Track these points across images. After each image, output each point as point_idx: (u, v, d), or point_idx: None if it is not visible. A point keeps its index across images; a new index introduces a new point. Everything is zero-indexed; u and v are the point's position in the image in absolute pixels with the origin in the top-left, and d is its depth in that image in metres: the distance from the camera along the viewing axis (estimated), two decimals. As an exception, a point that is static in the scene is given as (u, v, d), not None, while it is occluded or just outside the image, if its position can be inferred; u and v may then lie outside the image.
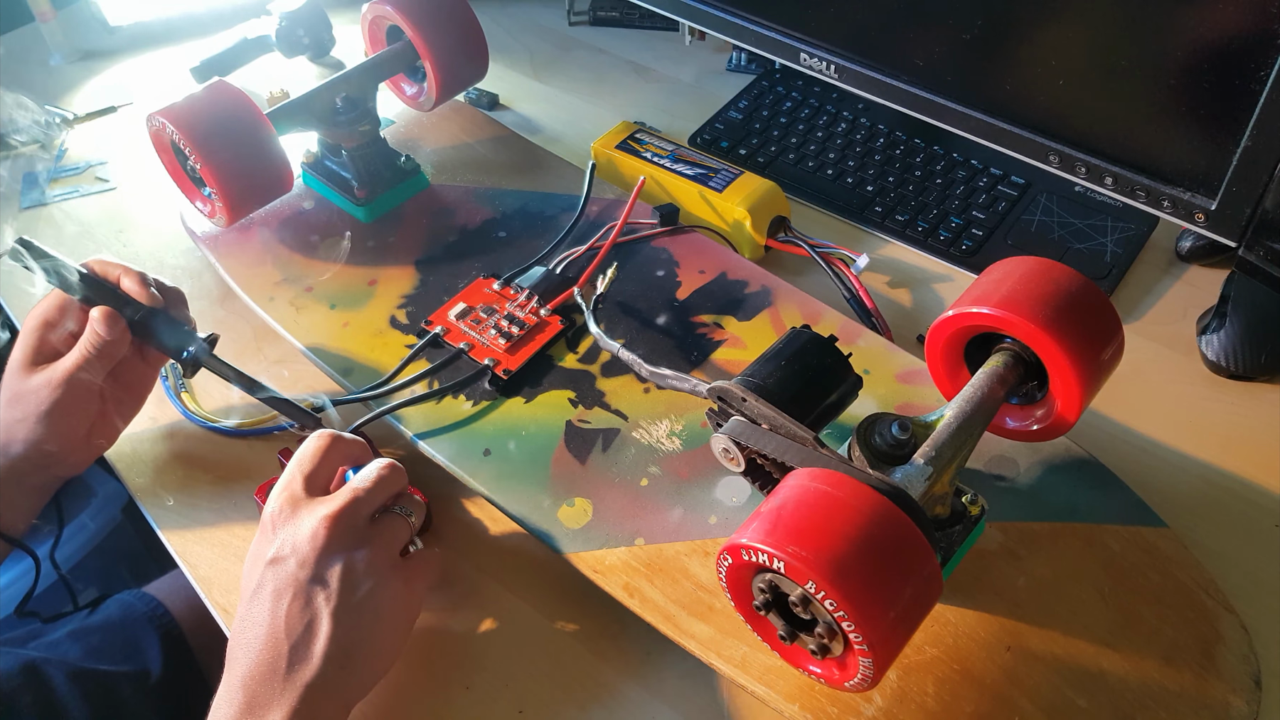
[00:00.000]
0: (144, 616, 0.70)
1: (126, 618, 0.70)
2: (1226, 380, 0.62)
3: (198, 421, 0.63)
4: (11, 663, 0.64)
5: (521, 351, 0.60)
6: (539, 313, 0.61)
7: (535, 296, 0.62)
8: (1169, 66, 0.56)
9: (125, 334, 0.54)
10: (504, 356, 0.59)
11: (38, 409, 0.54)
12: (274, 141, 0.64)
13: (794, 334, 0.51)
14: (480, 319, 0.61)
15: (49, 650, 0.66)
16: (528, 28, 0.98)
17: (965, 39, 0.64)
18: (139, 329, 0.56)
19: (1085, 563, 0.50)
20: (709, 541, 0.51)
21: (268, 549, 0.46)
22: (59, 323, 0.56)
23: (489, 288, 0.64)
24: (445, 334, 0.61)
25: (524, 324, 0.61)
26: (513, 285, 0.64)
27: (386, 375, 0.60)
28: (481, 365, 0.59)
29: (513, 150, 0.77)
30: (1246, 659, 0.46)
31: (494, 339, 0.60)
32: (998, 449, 0.54)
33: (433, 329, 0.61)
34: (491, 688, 0.50)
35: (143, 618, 0.70)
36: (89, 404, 0.55)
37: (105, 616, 0.70)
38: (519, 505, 0.54)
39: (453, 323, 0.61)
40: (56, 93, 0.91)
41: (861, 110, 0.81)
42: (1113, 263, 0.69)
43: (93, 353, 0.54)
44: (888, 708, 0.45)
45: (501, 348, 0.60)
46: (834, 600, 0.37)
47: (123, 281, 0.56)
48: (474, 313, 0.62)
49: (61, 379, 0.54)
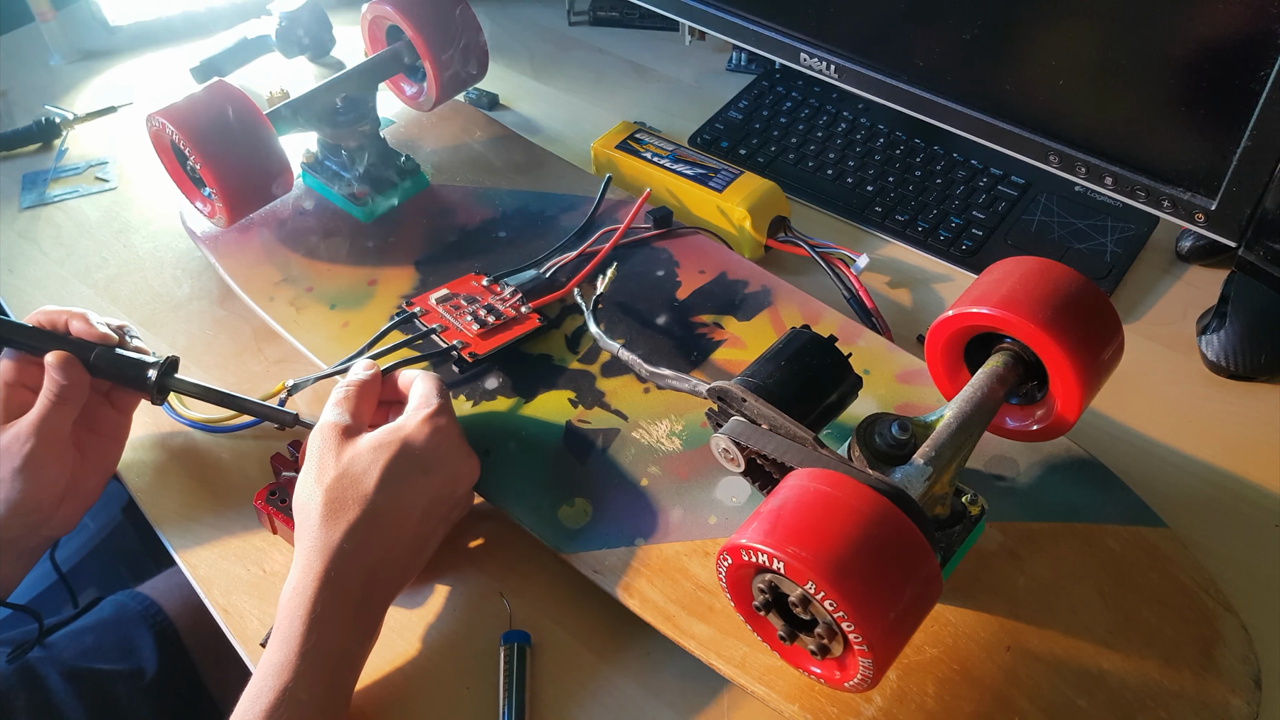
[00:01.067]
0: (138, 615, 0.70)
1: (121, 617, 0.70)
2: (1226, 380, 0.62)
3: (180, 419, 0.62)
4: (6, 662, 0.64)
5: (493, 339, 0.60)
6: (519, 308, 0.61)
7: (520, 294, 0.62)
8: (1169, 66, 0.56)
9: (83, 375, 0.54)
10: (474, 341, 0.59)
11: (11, 465, 0.53)
12: (274, 141, 0.64)
13: (794, 334, 0.51)
14: (460, 306, 0.61)
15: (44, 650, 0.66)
16: (528, 28, 0.98)
17: (965, 39, 0.64)
18: (99, 369, 0.55)
19: (1085, 563, 0.50)
20: (709, 541, 0.51)
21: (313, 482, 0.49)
22: (18, 381, 0.56)
23: (476, 282, 0.63)
24: (422, 315, 0.61)
25: (502, 315, 0.61)
26: (501, 283, 0.63)
27: (357, 350, 0.59)
28: (449, 345, 0.59)
29: (513, 150, 0.77)
30: (1246, 659, 0.46)
31: (468, 324, 0.60)
32: (998, 449, 0.54)
33: (412, 309, 0.61)
34: (492, 688, 0.50)
35: (137, 616, 0.70)
36: (63, 453, 0.54)
37: (99, 616, 0.70)
38: (519, 505, 0.54)
39: (432, 306, 0.61)
40: (56, 93, 0.91)
41: (861, 110, 0.81)
42: (1113, 263, 0.69)
43: (55, 399, 0.53)
44: (888, 708, 0.45)
45: (474, 332, 0.60)
46: (834, 601, 0.37)
47: (71, 325, 0.56)
48: (455, 299, 0.62)
49: (30, 431, 0.53)
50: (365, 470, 0.48)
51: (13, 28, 0.99)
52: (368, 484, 0.48)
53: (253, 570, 0.56)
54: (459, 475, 0.51)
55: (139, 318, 0.70)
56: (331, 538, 0.46)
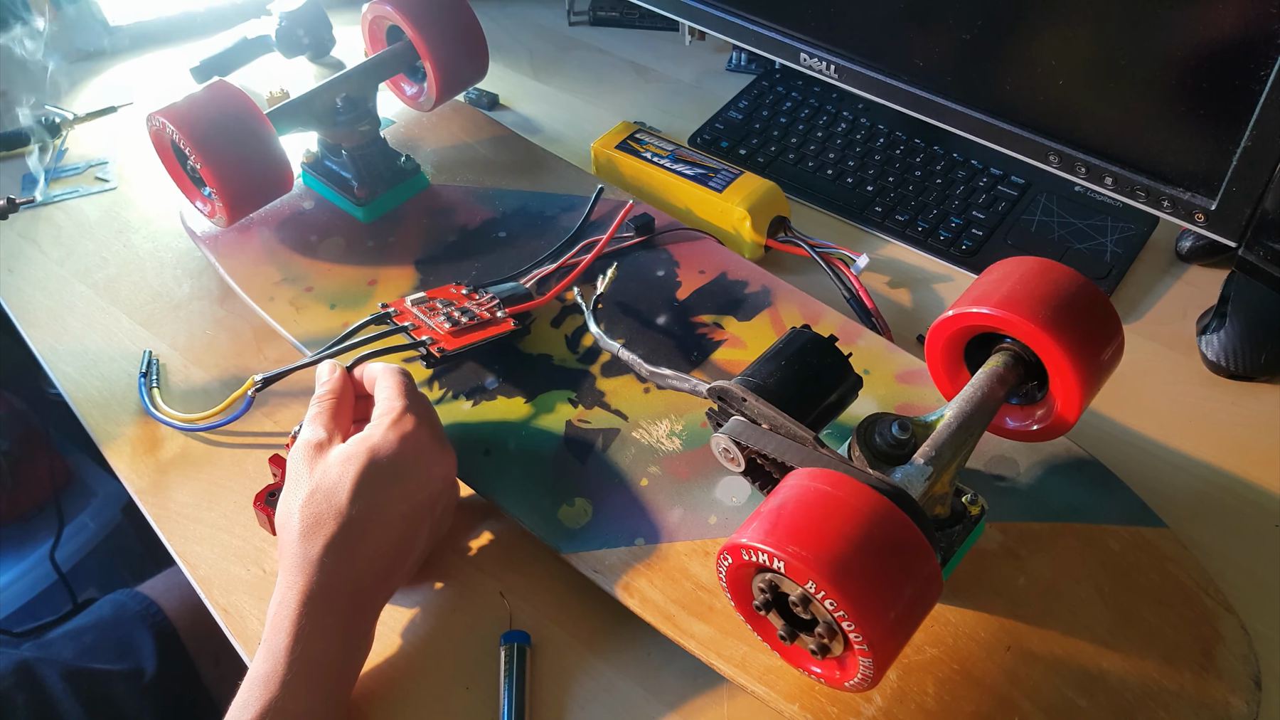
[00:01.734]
0: (137, 615, 0.70)
1: (120, 616, 0.70)
2: (1226, 380, 0.62)
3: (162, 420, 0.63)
4: (5, 662, 0.64)
5: (463, 337, 0.59)
6: (495, 312, 0.61)
7: (497, 300, 0.62)
8: (1169, 66, 0.56)
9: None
10: (444, 338, 0.59)
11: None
12: (274, 141, 0.64)
13: (794, 334, 0.51)
14: (435, 308, 0.61)
15: (42, 650, 0.66)
16: (528, 28, 0.98)
17: (965, 39, 0.64)
18: None
19: (1085, 563, 0.50)
20: (709, 541, 0.51)
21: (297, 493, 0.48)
22: None
23: (456, 289, 0.63)
24: (396, 315, 0.60)
25: (475, 316, 0.60)
26: (480, 290, 0.63)
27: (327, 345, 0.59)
28: (418, 340, 0.58)
29: (513, 150, 0.77)
30: (1246, 659, 0.46)
31: (440, 323, 0.60)
32: (998, 449, 0.54)
33: (387, 309, 0.61)
34: (491, 688, 0.50)
35: (136, 616, 0.70)
36: None
37: (98, 615, 0.70)
38: (519, 505, 0.54)
39: (407, 307, 0.61)
40: (56, 93, 0.91)
41: (861, 110, 0.81)
42: (1113, 263, 0.69)
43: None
44: (888, 708, 0.45)
45: (445, 330, 0.59)
46: (834, 600, 0.37)
47: None
48: (431, 302, 0.61)
49: None
50: (336, 484, 0.48)
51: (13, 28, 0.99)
52: (341, 498, 0.47)
53: (252, 570, 0.56)
54: (433, 475, 0.51)
55: (139, 317, 0.70)
56: (311, 553, 0.46)
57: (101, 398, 0.65)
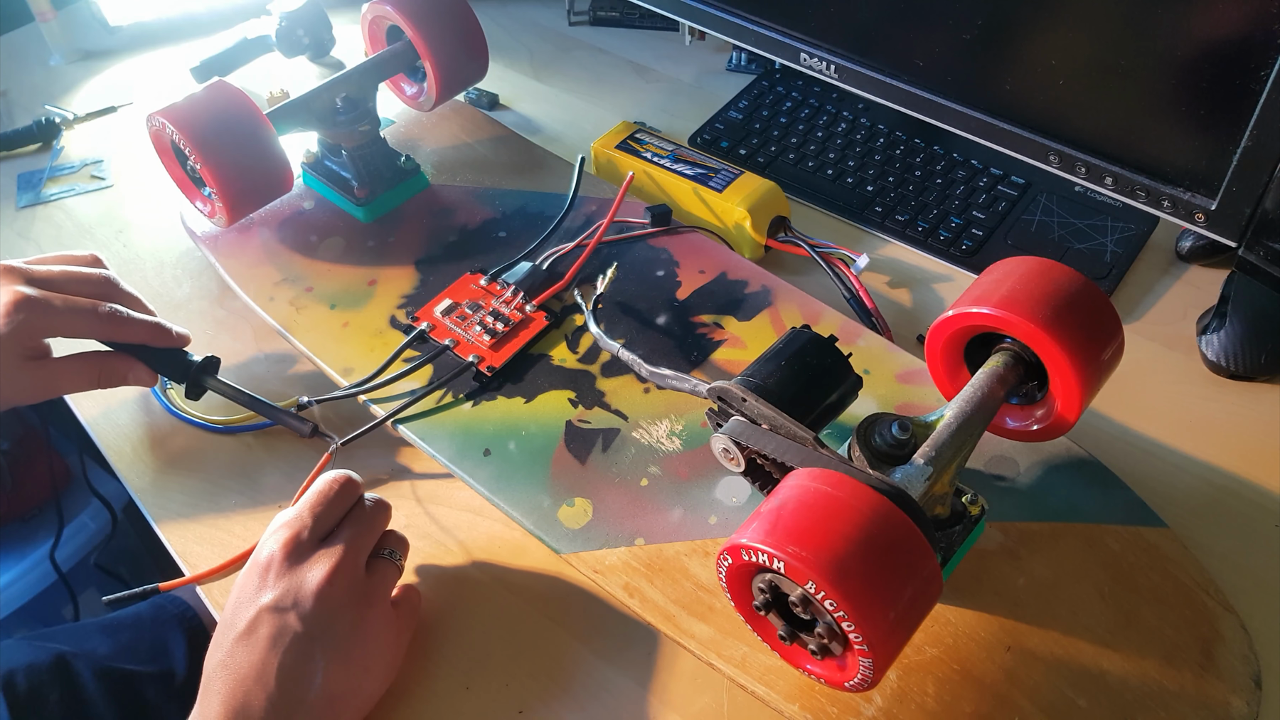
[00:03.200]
0: (173, 618, 0.70)
1: (157, 617, 0.70)
2: (1226, 380, 0.62)
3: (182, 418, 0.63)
4: (43, 656, 0.64)
5: (505, 348, 0.60)
6: (524, 309, 0.61)
7: (521, 293, 0.62)
8: (1169, 66, 0.56)
9: None
10: (488, 353, 0.59)
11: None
12: (274, 141, 0.64)
13: (794, 334, 0.51)
14: (466, 315, 0.61)
15: (78, 643, 0.66)
16: (528, 28, 0.98)
17: (965, 39, 0.64)
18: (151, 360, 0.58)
19: (1085, 563, 0.50)
20: (709, 541, 0.51)
21: (266, 593, 0.45)
22: None
23: (475, 284, 0.63)
24: (431, 330, 0.61)
25: (509, 320, 0.61)
26: (499, 281, 0.63)
27: (373, 371, 0.59)
28: (465, 361, 0.59)
29: (513, 150, 0.77)
30: (1246, 659, 0.46)
31: (479, 335, 0.60)
32: (998, 449, 0.54)
33: (419, 325, 0.61)
34: (491, 688, 0.50)
35: (172, 619, 0.70)
36: None
37: (136, 613, 0.71)
38: (519, 505, 0.54)
39: (438, 319, 0.61)
40: (56, 93, 0.91)
41: (861, 110, 0.81)
42: (1113, 263, 0.69)
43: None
44: (888, 708, 0.45)
45: (486, 344, 0.60)
46: (834, 600, 0.37)
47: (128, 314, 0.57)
48: (459, 309, 0.62)
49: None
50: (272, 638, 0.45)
51: (13, 28, 0.99)
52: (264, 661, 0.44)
53: (253, 570, 0.56)
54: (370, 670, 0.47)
55: (139, 318, 0.70)
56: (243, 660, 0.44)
57: (101, 397, 0.65)
